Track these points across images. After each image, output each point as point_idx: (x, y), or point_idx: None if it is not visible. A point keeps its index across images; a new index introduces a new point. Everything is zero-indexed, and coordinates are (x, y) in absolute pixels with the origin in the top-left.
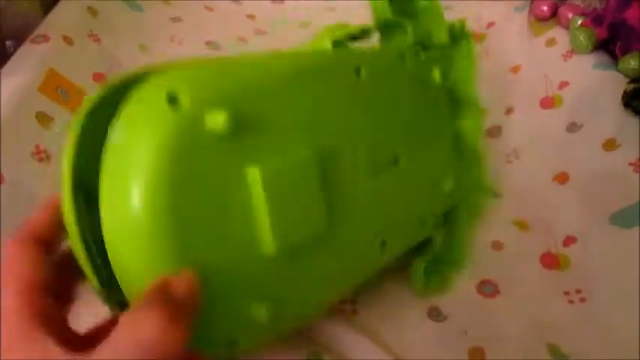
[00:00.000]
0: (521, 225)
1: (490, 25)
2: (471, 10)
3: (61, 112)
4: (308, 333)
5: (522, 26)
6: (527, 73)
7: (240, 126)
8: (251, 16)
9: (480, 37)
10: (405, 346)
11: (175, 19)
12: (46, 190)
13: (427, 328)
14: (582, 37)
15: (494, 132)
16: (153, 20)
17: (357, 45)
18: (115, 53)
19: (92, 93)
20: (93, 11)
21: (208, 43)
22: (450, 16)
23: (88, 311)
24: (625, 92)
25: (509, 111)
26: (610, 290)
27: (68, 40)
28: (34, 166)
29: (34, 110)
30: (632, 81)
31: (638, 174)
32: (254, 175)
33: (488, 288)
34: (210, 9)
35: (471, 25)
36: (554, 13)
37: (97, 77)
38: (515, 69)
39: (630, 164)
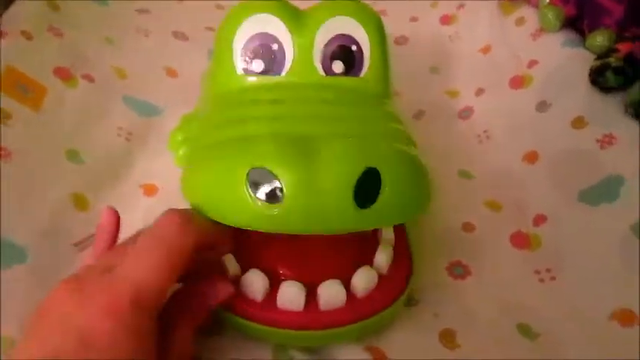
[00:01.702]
0: (493, 206)
1: (460, 7)
2: None
3: (20, 109)
4: None
5: (492, 6)
6: (497, 53)
7: None
8: (220, 7)
9: (451, 19)
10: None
11: (141, 11)
12: (6, 189)
13: (399, 313)
14: (551, 15)
15: (466, 113)
16: (118, 12)
17: None
18: (79, 47)
19: (53, 87)
20: (54, 5)
21: (175, 34)
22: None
23: None
24: (591, 69)
25: (479, 92)
26: (579, 268)
27: (27, 35)
28: None
29: None
30: (598, 57)
31: (604, 151)
32: None
33: (458, 270)
34: (178, 0)
35: (442, 7)
36: None
37: (59, 72)
38: (485, 49)
39: (597, 141)
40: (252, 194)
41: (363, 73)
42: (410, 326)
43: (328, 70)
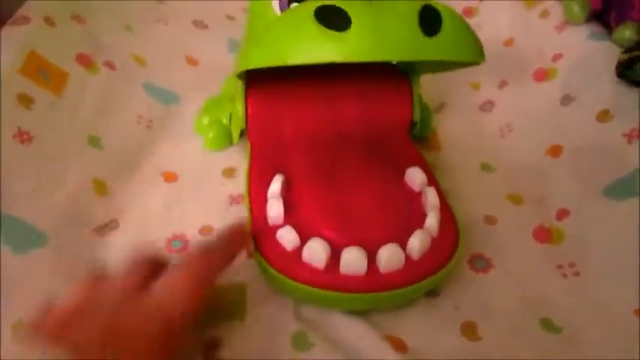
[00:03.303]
0: (515, 199)
1: None
2: None
3: (41, 93)
4: (293, 310)
5: None
6: (521, 46)
7: None
8: None
9: (473, 12)
10: (396, 323)
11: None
12: (27, 173)
13: (419, 304)
14: (576, 8)
15: (488, 106)
16: (138, 0)
17: None
18: (99, 34)
19: (75, 74)
20: None
21: (195, 23)
22: None
23: None
24: (619, 62)
25: (502, 84)
26: (603, 263)
27: (50, 22)
28: (16, 147)
29: (15, 92)
30: (626, 51)
31: (631, 145)
32: None
33: (480, 263)
34: None
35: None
36: None
37: (81, 58)
38: (508, 42)
39: (624, 135)
40: (321, 26)
41: None
42: (430, 317)
43: None
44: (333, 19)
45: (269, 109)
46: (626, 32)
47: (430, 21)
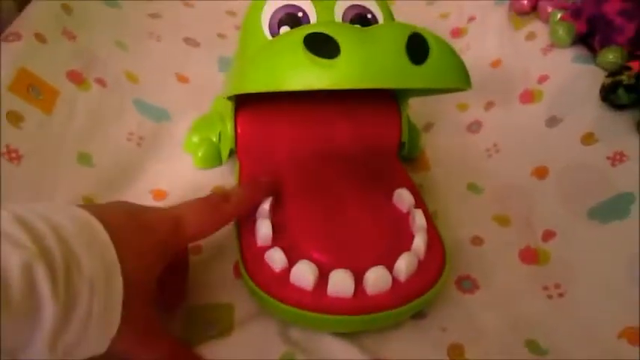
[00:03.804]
0: (502, 220)
1: (471, 19)
2: (452, 3)
3: (31, 111)
4: (281, 332)
5: (503, 20)
6: (508, 67)
7: None
8: (231, 13)
9: (462, 32)
10: (383, 345)
11: (154, 15)
12: (17, 190)
13: (406, 326)
14: (562, 31)
15: (475, 127)
16: (130, 16)
17: None
18: (91, 50)
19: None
20: (67, 8)
21: (187, 40)
22: (432, 11)
23: None
24: (603, 86)
25: (489, 105)
26: (588, 285)
27: (41, 38)
28: (5, 165)
29: (5, 110)
30: (610, 74)
31: (615, 168)
32: None
33: (467, 284)
34: (189, 5)
35: (452, 19)
36: (534, 7)
37: (72, 75)
38: (496, 63)
39: (608, 158)
40: (310, 53)
41: None
42: (418, 339)
43: None
44: (322, 47)
45: (259, 128)
46: (610, 56)
47: (418, 49)
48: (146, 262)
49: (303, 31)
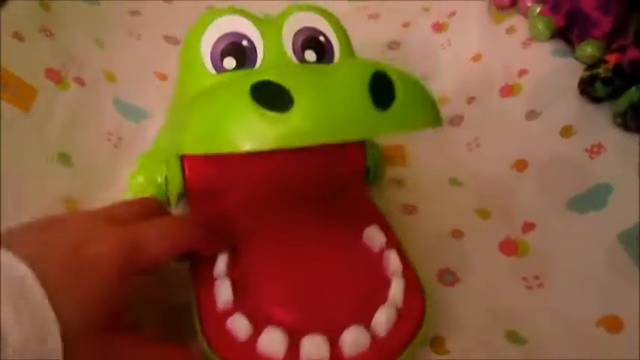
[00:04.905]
0: (483, 213)
1: (451, 14)
2: None
3: (10, 110)
4: None
5: (483, 14)
6: (488, 61)
7: None
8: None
9: (442, 27)
10: None
11: (134, 13)
12: None
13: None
14: (540, 25)
15: (456, 121)
16: (109, 14)
17: None
18: (69, 48)
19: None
20: (45, 5)
21: (167, 38)
22: (412, 5)
23: None
24: (581, 79)
25: (470, 100)
26: (567, 275)
27: (19, 36)
28: None
29: None
30: (588, 68)
31: (593, 160)
32: None
33: (448, 277)
34: (168, 1)
35: (433, 14)
36: (514, 2)
37: (50, 73)
38: (476, 57)
39: (586, 150)
40: (259, 107)
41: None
42: None
43: (302, 60)
44: (272, 98)
45: (210, 169)
46: (588, 49)
47: (382, 90)
48: (94, 303)
49: (250, 78)
